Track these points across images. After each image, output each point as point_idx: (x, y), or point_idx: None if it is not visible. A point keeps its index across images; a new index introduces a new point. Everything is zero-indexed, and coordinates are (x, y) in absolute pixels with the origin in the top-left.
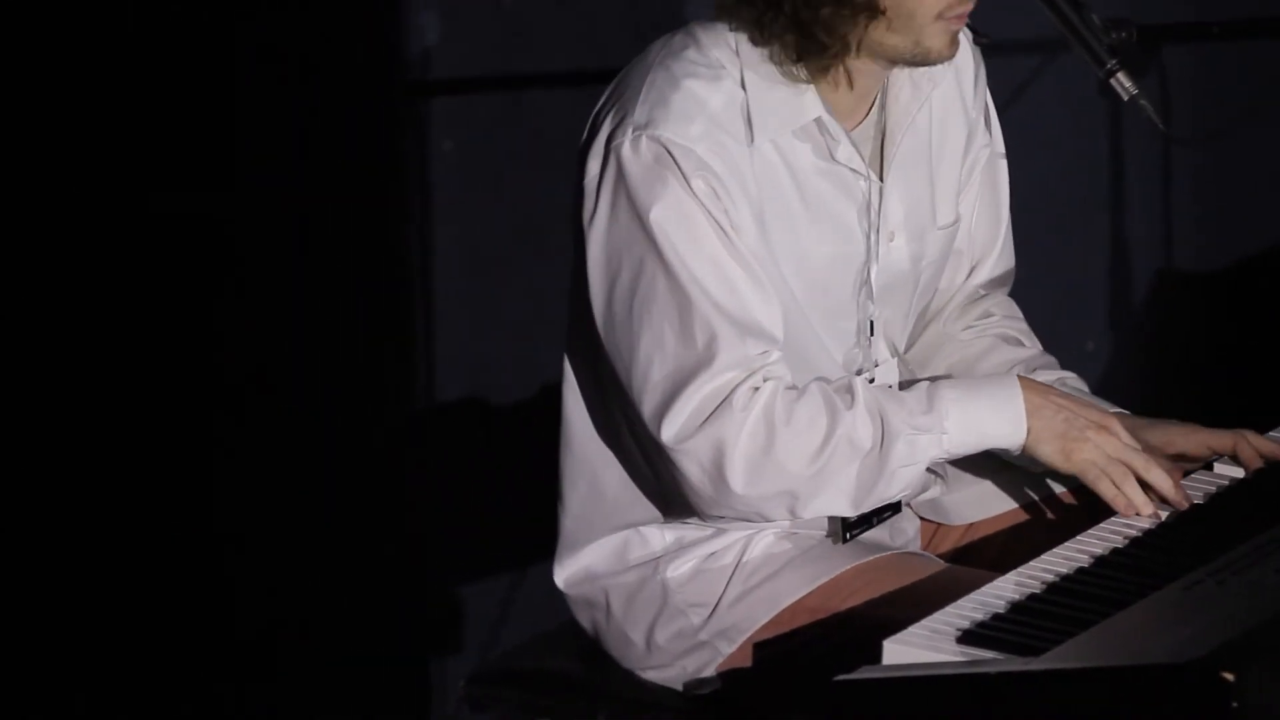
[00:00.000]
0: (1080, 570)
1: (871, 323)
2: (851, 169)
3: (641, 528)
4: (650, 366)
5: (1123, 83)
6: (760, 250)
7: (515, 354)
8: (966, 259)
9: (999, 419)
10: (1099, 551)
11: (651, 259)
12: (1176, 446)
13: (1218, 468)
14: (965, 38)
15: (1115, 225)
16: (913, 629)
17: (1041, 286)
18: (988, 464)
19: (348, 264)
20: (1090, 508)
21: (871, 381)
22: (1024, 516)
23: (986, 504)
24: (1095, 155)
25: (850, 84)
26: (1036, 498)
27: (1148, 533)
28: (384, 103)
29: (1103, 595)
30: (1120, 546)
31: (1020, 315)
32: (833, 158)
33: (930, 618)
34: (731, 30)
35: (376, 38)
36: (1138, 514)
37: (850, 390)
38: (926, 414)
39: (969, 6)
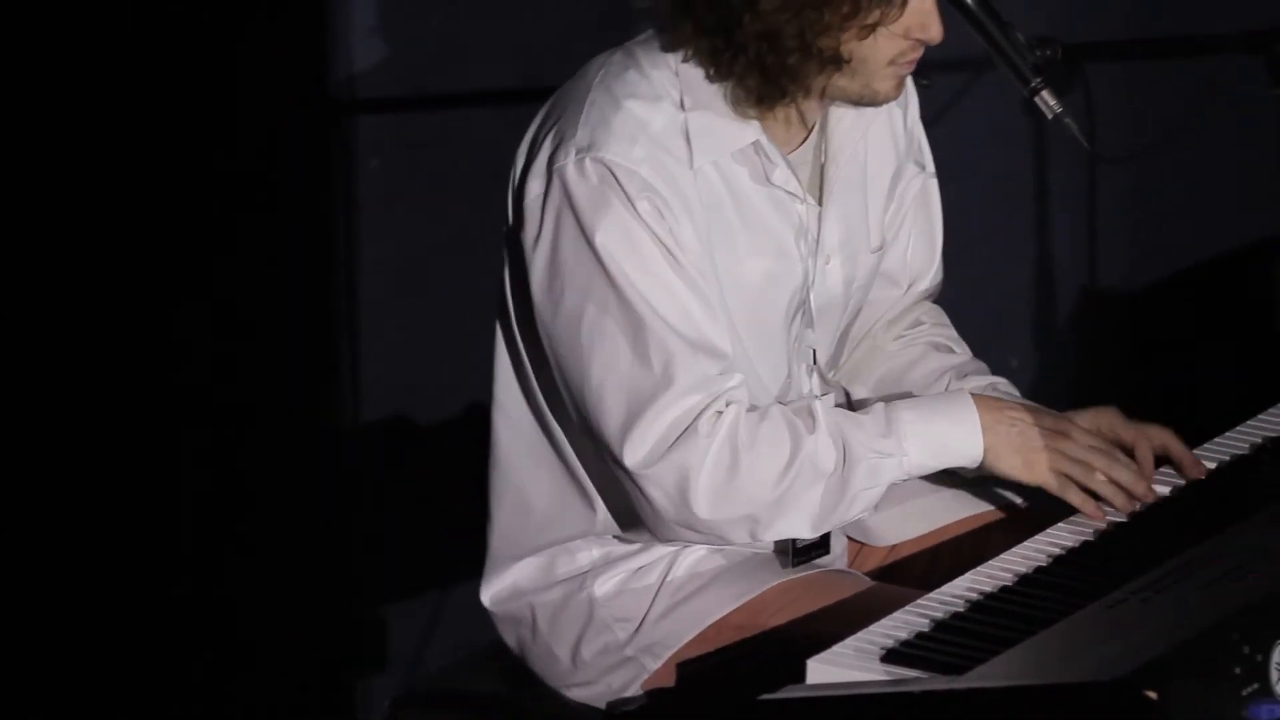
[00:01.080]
0: (1004, 589)
1: (814, 351)
2: (788, 191)
3: (569, 544)
4: (603, 389)
5: (1047, 101)
6: (707, 269)
7: (441, 373)
8: (901, 280)
9: (957, 438)
10: (1023, 570)
11: (600, 281)
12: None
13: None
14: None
15: (1040, 243)
16: (837, 648)
17: (966, 303)
18: (912, 486)
19: (272, 282)
20: (1014, 526)
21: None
22: (947, 536)
23: (910, 525)
24: (1020, 173)
25: (801, 118)
26: (960, 518)
27: (1071, 551)
28: (310, 121)
29: (1027, 614)
30: (1044, 565)
31: (948, 322)
32: (769, 181)
33: (854, 636)
34: (675, 54)
35: (303, 56)
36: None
37: (811, 414)
38: (886, 437)
39: (919, 54)
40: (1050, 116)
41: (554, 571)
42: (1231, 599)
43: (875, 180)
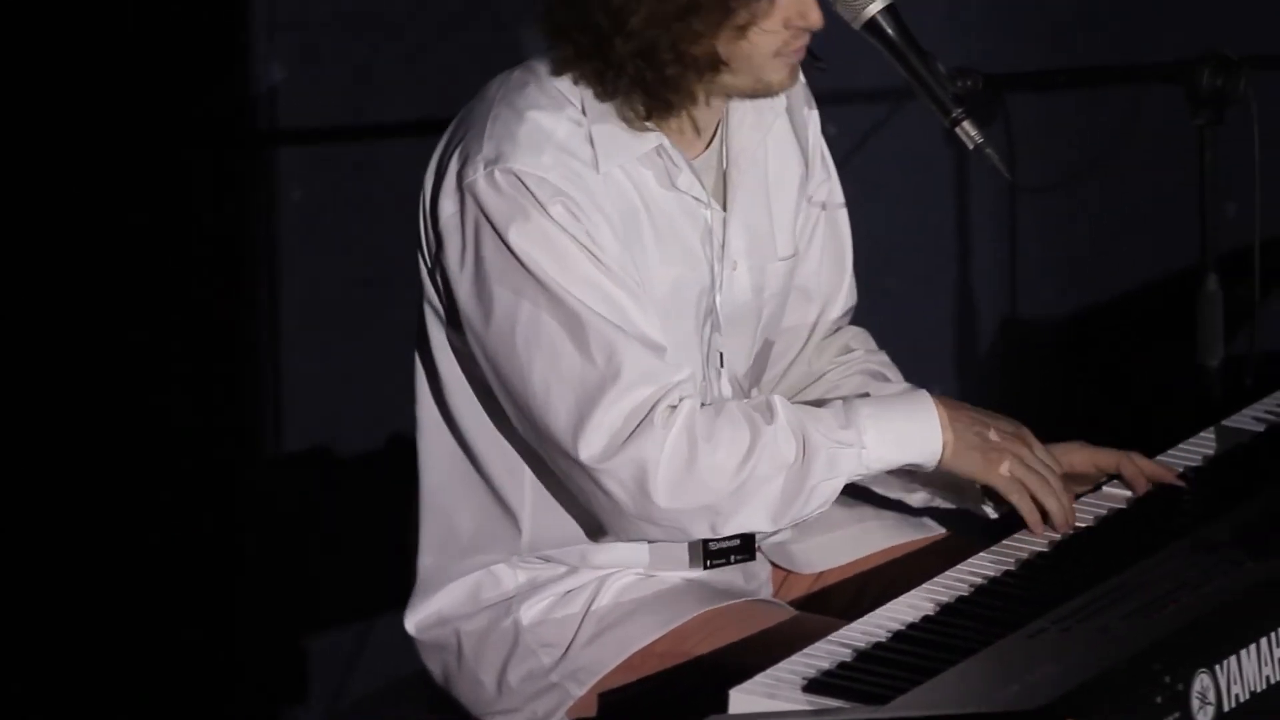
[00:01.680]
0: (926, 618)
1: (721, 354)
2: (693, 196)
3: (493, 568)
4: (549, 390)
5: (968, 131)
6: (629, 266)
7: (364, 403)
8: (816, 298)
9: (916, 433)
10: (945, 599)
11: (530, 287)
12: (1065, 464)
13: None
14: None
15: (961, 273)
16: (759, 678)
17: (887, 333)
18: (838, 514)
19: (195, 313)
20: (938, 555)
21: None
22: (872, 565)
23: (835, 553)
24: (941, 203)
25: (694, 124)
26: (885, 546)
27: (993, 580)
28: (232, 152)
29: (949, 643)
30: (966, 594)
31: (877, 347)
32: (674, 185)
33: (776, 666)
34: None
35: (224, 86)
36: (1051, 530)
37: (770, 407)
38: (845, 428)
39: (805, 40)
40: (971, 147)
41: (480, 597)
42: (1152, 628)
43: (780, 187)
